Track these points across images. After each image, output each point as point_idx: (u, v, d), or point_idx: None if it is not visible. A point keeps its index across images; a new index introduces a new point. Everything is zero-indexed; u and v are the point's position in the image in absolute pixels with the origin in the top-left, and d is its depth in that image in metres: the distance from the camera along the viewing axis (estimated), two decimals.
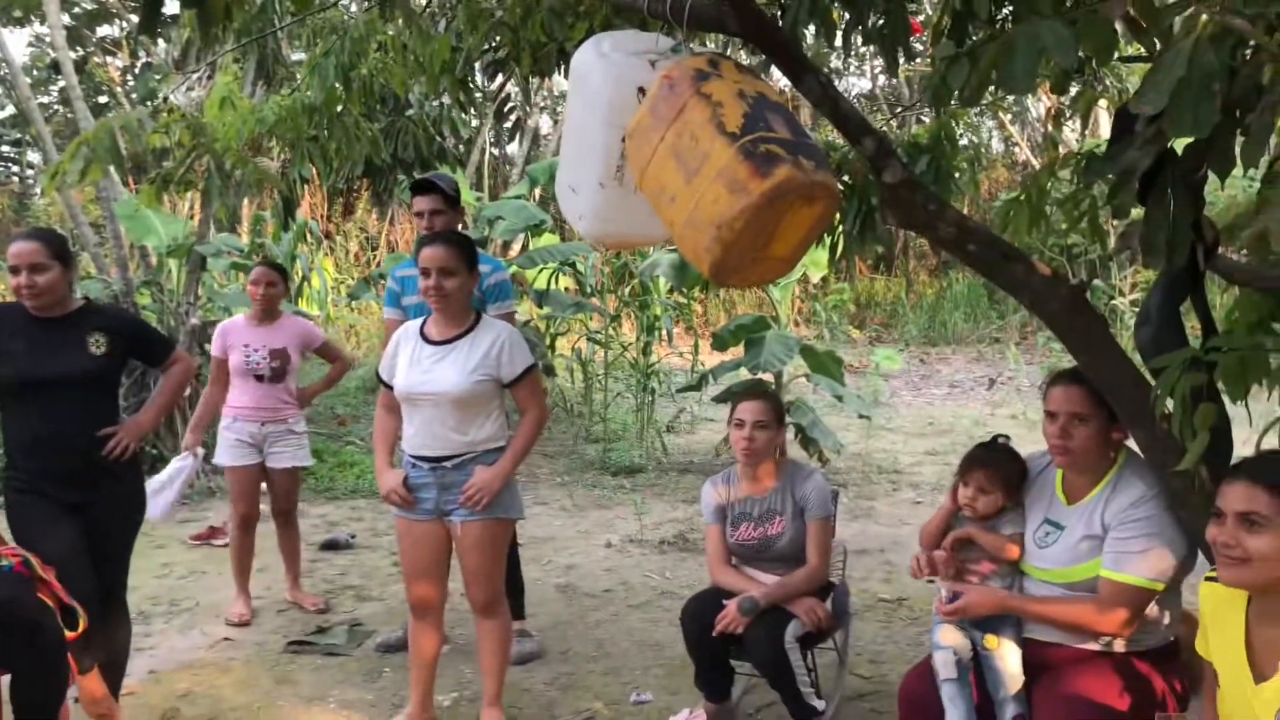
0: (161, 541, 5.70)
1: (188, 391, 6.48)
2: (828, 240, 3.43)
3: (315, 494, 6.77)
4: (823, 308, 13.31)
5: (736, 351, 7.09)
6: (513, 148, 17.88)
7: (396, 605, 4.62)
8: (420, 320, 3.39)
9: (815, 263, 7.58)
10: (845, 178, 3.31)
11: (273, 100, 4.34)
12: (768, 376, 6.96)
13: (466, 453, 3.25)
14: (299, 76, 4.75)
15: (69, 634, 2.91)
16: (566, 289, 8.91)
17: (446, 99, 4.92)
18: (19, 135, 25.58)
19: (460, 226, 4.42)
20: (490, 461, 3.26)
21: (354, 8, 4.95)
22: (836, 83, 2.62)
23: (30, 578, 2.93)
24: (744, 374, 7.03)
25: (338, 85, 4.23)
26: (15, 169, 27.02)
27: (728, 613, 3.11)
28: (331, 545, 5.68)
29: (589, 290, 8.85)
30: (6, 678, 2.91)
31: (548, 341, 8.63)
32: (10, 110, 24.68)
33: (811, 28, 2.86)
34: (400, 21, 4.06)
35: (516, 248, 11.15)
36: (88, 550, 3.22)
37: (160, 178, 4.23)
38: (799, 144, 2.01)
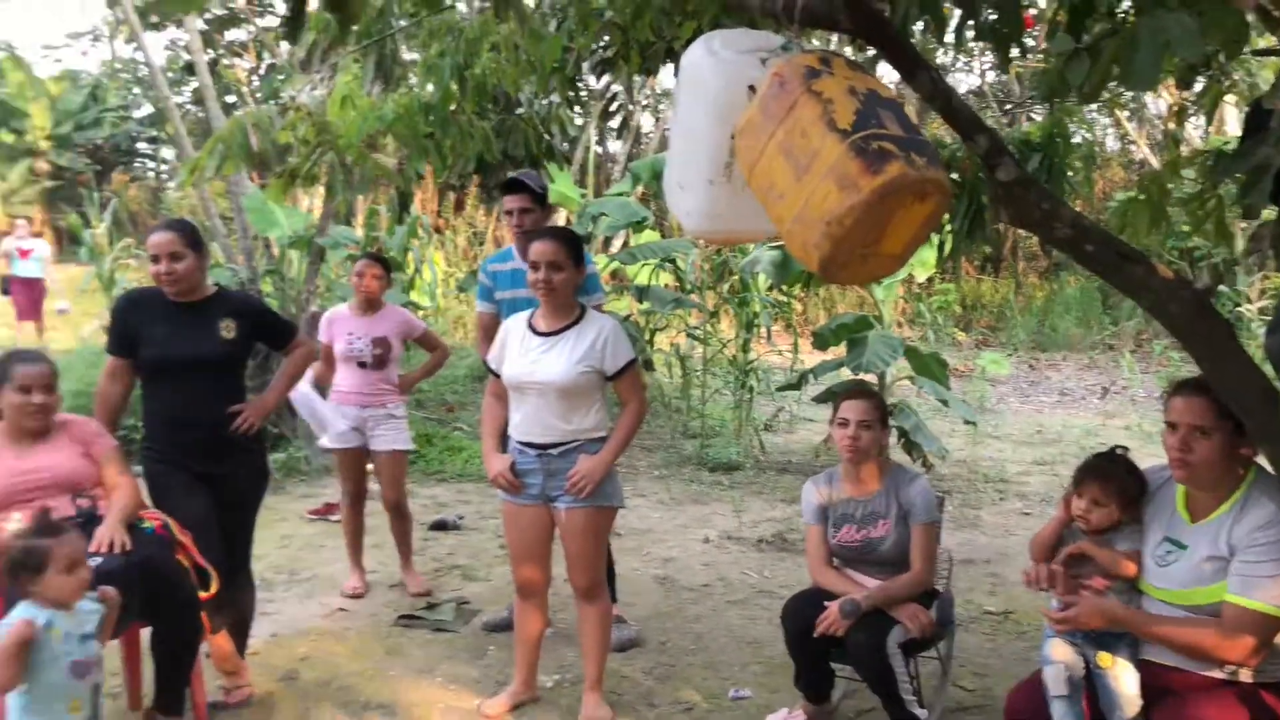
0: (283, 515, 5.99)
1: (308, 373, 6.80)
2: (935, 239, 3.40)
3: (425, 476, 7.01)
4: (927, 309, 13.09)
5: (837, 351, 7.05)
6: (615, 145, 18.05)
7: (502, 585, 4.75)
8: (528, 312, 3.50)
9: (921, 262, 7.48)
10: (954, 175, 3.28)
11: (391, 99, 4.50)
12: (870, 377, 6.90)
13: (571, 441, 3.34)
14: (414, 76, 4.91)
15: (202, 594, 3.11)
16: (666, 285, 8.97)
17: (555, 97, 5.02)
18: (155, 133, 26.94)
19: (566, 223, 4.52)
20: (593, 451, 3.34)
21: (462, 7, 5.08)
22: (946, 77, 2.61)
23: (169, 540, 3.15)
24: (845, 374, 6.98)
25: (452, 84, 4.36)
26: (152, 164, 28.49)
27: (829, 614, 3.11)
28: (440, 526, 5.87)
29: (689, 287, 8.91)
30: (148, 630, 3.13)
31: (647, 336, 8.71)
32: (147, 109, 26.04)
33: (919, 23, 2.85)
34: (513, 22, 4.17)
35: (618, 244, 11.27)
36: (218, 518, 3.43)
37: (287, 173, 4.43)
38: (911, 141, 2.02)
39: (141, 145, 28.19)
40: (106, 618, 2.68)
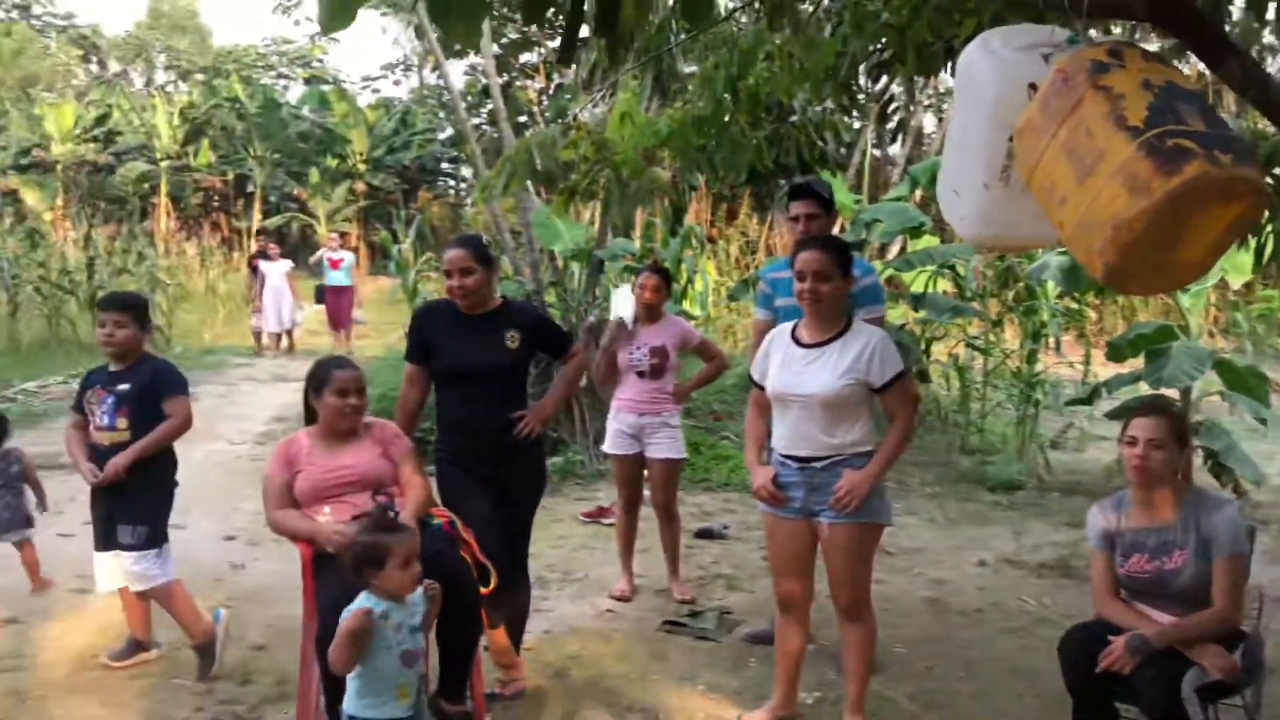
0: (559, 516, 6.27)
1: (583, 382, 7.10)
2: (1253, 242, 3.04)
3: (692, 484, 7.08)
4: (1245, 318, 11.71)
5: (1135, 363, 6.47)
6: (894, 148, 17.56)
7: (765, 598, 4.72)
8: (792, 323, 3.46)
9: (1236, 267, 6.71)
10: (1277, 170, 2.92)
11: (666, 114, 4.62)
12: (1172, 393, 6.28)
13: (835, 455, 3.27)
14: (690, 89, 5.02)
15: (482, 590, 3.30)
16: (945, 292, 8.59)
17: (830, 104, 4.96)
18: (455, 154, 29.32)
19: (838, 230, 4.44)
20: (859, 465, 3.25)
21: (744, 18, 5.13)
22: (1270, 61, 2.32)
23: (455, 537, 3.37)
24: (1144, 389, 6.39)
25: (726, 96, 4.41)
26: (453, 183, 31.04)
27: (1114, 649, 2.86)
28: (706, 534, 5.94)
29: (969, 294, 8.49)
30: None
31: (923, 346, 8.39)
32: (450, 132, 28.41)
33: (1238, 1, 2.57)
34: (787, 30, 4.15)
35: (895, 250, 10.94)
36: (500, 518, 3.64)
37: (568, 189, 4.66)
38: (1215, 136, 1.81)
39: (444, 165, 30.74)
40: (430, 612, 2.86)
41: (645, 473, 5.01)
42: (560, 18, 1.90)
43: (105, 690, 3.77)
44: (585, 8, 1.86)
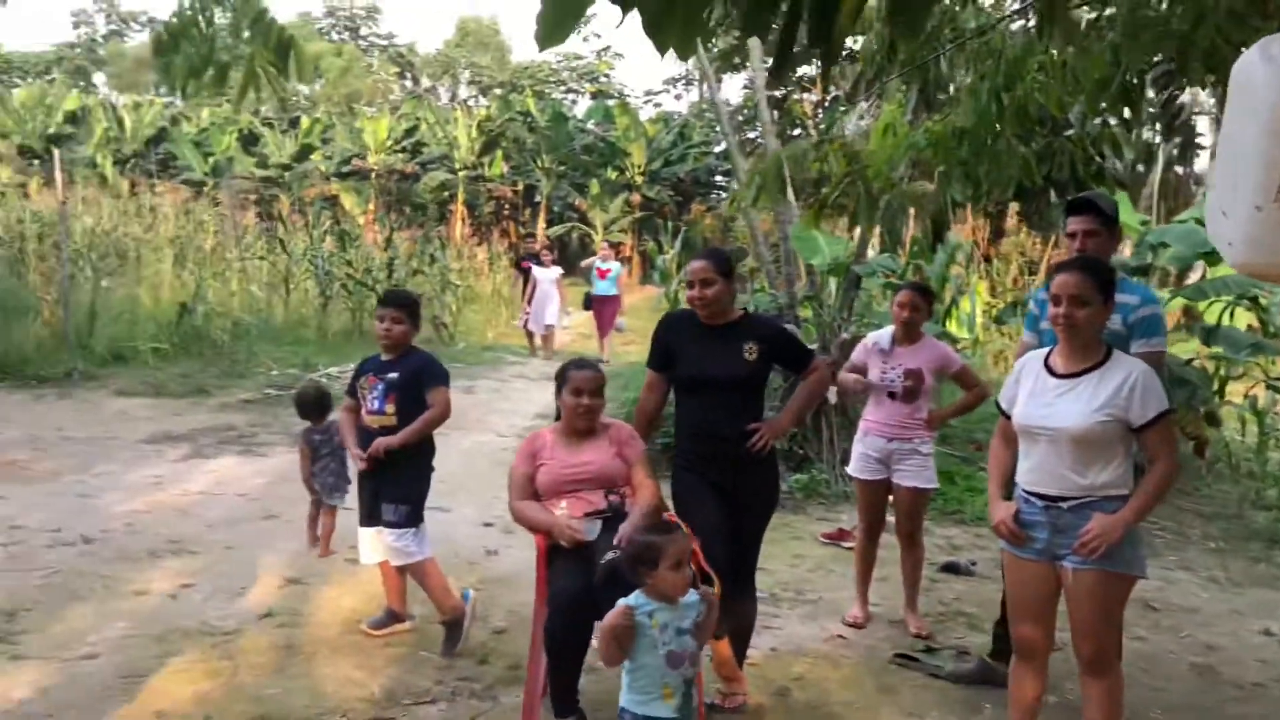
0: (798, 534, 6.19)
1: (833, 400, 6.97)
2: None
3: (943, 515, 6.77)
4: None
5: None
6: (1203, 164, 15.97)
7: None
8: (1046, 350, 3.23)
9: None
10: None
11: (925, 126, 4.47)
12: None
13: (1085, 496, 3.02)
14: (960, 100, 4.82)
15: None
16: (1249, 326, 7.72)
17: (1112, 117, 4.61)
18: (729, 166, 29.84)
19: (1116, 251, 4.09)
20: (1110, 510, 2.99)
21: (1012, 26, 4.87)
22: None
23: None
24: None
25: (991, 108, 4.20)
26: (724, 195, 31.69)
27: None
28: (951, 568, 5.66)
29: (1273, 329, 7.57)
30: None
31: (1215, 386, 7.57)
32: (723, 145, 29.00)
33: None
34: (1059, 40, 3.90)
35: (1195, 276, 9.98)
36: (729, 530, 3.64)
37: (818, 202, 4.62)
38: None
39: (718, 178, 31.28)
40: (706, 618, 2.87)
41: (891, 499, 4.84)
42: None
43: (362, 653, 4.13)
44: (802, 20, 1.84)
